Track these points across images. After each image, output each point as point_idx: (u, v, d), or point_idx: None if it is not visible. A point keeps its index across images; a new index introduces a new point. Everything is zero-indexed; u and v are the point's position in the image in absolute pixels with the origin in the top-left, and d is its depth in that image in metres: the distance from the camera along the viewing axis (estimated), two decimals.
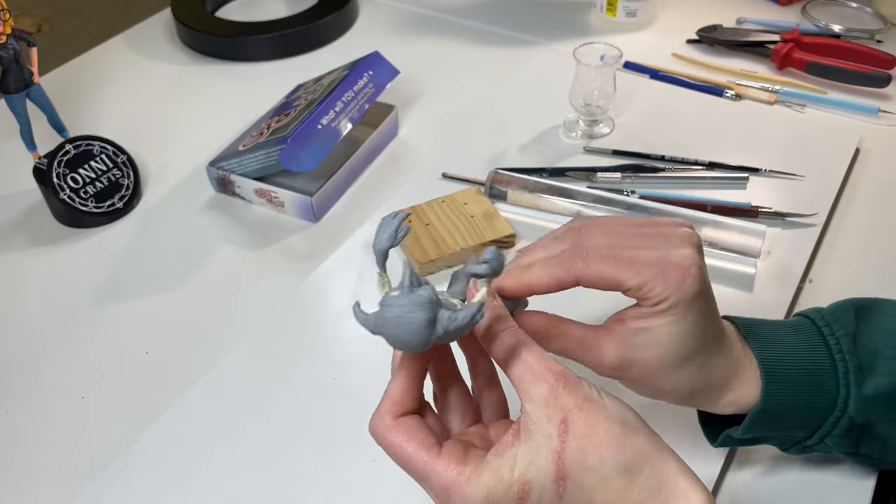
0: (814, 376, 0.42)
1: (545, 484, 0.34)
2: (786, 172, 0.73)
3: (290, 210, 0.71)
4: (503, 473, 0.34)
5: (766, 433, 0.44)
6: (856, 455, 0.45)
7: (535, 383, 0.35)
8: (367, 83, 0.75)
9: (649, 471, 0.34)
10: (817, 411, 0.43)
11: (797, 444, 0.45)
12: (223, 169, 0.72)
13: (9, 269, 0.68)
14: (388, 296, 0.35)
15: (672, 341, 0.39)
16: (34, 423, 0.56)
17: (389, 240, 0.36)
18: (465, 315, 0.34)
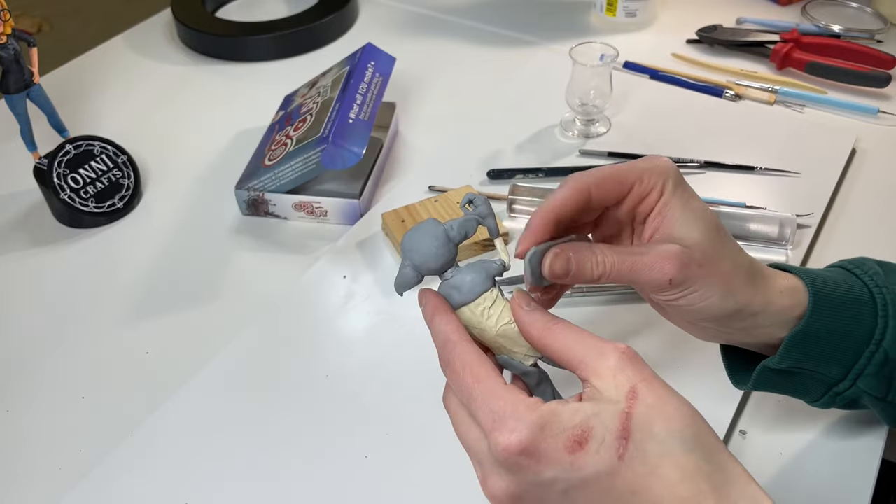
0: (854, 303, 0.43)
1: (606, 437, 0.33)
2: (780, 170, 0.73)
3: (333, 217, 0.71)
4: (563, 415, 0.33)
5: (804, 362, 0.44)
6: (883, 402, 0.45)
7: (600, 359, 0.35)
8: (373, 74, 0.75)
9: (716, 463, 0.33)
10: (854, 342, 0.43)
11: (828, 391, 0.45)
12: (254, 189, 0.70)
13: (9, 269, 0.68)
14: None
15: (696, 214, 0.41)
16: (34, 423, 0.56)
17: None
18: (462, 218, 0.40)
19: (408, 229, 0.65)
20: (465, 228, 0.40)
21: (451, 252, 0.40)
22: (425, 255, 0.39)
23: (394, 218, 0.67)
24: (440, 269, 0.40)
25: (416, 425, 0.54)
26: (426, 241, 0.39)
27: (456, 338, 0.37)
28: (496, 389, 0.34)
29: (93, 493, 0.51)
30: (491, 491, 0.35)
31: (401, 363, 0.58)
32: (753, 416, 0.54)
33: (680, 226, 0.41)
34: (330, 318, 0.62)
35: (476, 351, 0.37)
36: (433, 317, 0.39)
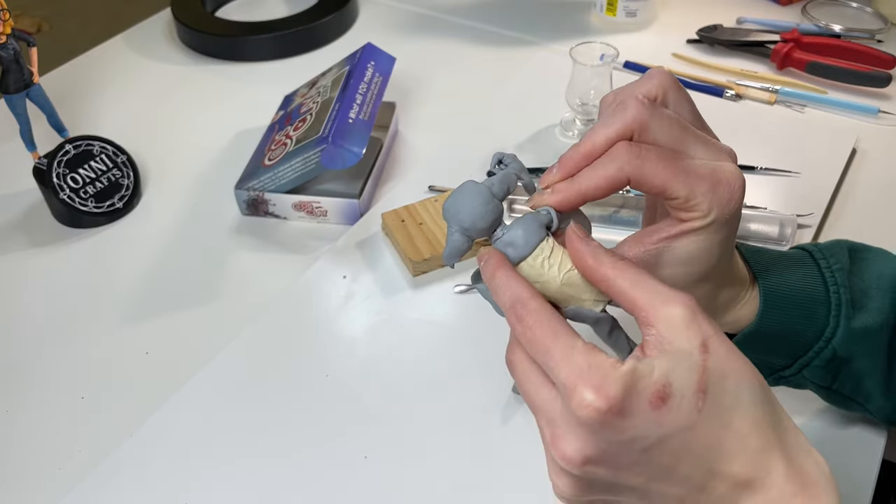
0: (808, 304, 0.43)
1: (686, 392, 0.32)
2: (780, 170, 0.73)
3: (333, 217, 0.71)
4: (644, 371, 0.32)
5: (751, 353, 0.42)
6: (828, 390, 0.46)
7: (671, 305, 0.33)
8: (373, 73, 0.75)
9: (777, 415, 0.34)
10: (803, 339, 0.44)
11: (774, 374, 0.46)
12: (254, 189, 0.70)
13: (9, 269, 0.68)
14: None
15: (700, 258, 0.39)
16: (34, 423, 0.56)
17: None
18: (502, 173, 0.39)
19: (408, 229, 0.66)
20: (507, 183, 0.39)
21: (498, 208, 0.38)
22: (473, 216, 0.37)
23: (394, 218, 0.67)
24: (490, 228, 0.38)
25: (416, 425, 0.54)
26: (471, 202, 0.37)
27: (528, 294, 0.35)
28: (578, 346, 0.33)
29: (93, 493, 0.51)
30: (563, 452, 0.33)
31: (401, 363, 0.58)
32: None
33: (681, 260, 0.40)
34: (330, 318, 0.62)
35: (550, 307, 0.35)
36: (496, 272, 0.37)
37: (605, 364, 0.32)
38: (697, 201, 0.38)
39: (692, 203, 0.38)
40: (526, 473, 0.50)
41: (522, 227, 0.37)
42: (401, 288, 0.64)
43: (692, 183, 0.38)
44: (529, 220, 0.38)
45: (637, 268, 0.35)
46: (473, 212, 0.37)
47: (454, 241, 0.38)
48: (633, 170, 0.37)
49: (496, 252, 0.37)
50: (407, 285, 0.64)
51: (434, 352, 0.59)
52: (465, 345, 0.59)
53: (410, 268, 0.64)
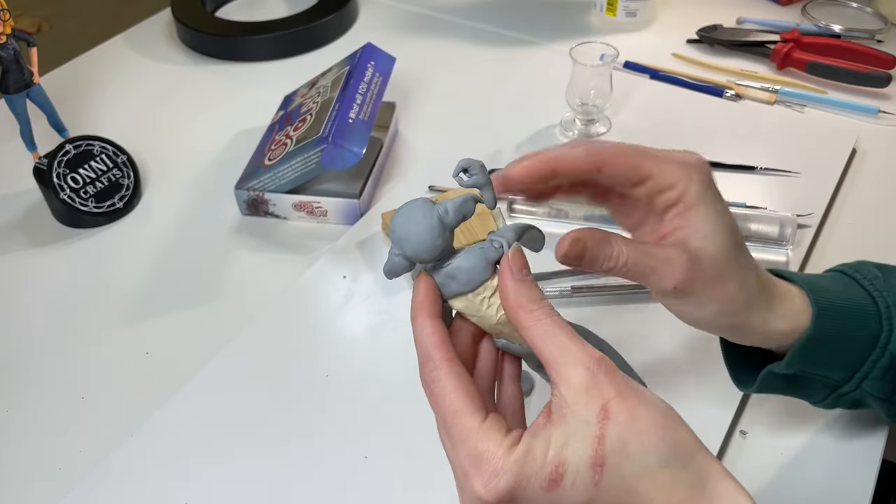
0: (858, 310, 0.43)
1: (580, 468, 0.32)
2: (780, 170, 0.73)
3: (333, 217, 0.71)
4: (537, 452, 0.32)
5: (808, 368, 0.43)
6: (888, 403, 0.45)
7: (573, 366, 0.33)
8: (373, 73, 0.75)
9: (693, 468, 0.33)
10: (859, 346, 0.43)
11: (833, 393, 0.45)
12: (254, 189, 0.70)
13: (9, 269, 0.68)
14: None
15: (717, 226, 0.40)
16: (34, 423, 0.56)
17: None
18: (460, 198, 0.36)
19: None
20: (462, 211, 0.36)
21: (446, 241, 0.36)
22: (417, 247, 0.35)
23: None
24: (434, 259, 0.36)
25: (416, 425, 0.54)
26: (420, 233, 0.35)
27: (438, 356, 0.35)
28: (474, 429, 0.33)
29: (93, 493, 0.51)
30: None
31: (401, 363, 0.58)
32: (753, 416, 0.53)
33: (699, 235, 0.40)
34: (330, 318, 0.62)
35: (458, 372, 0.34)
36: (416, 317, 0.36)
37: (497, 454, 0.32)
38: (670, 172, 0.39)
39: (666, 177, 0.39)
40: None
41: (469, 262, 0.36)
42: (401, 288, 0.64)
43: (661, 161, 0.39)
44: (478, 254, 0.36)
45: (554, 320, 0.35)
46: (420, 244, 0.35)
47: (394, 263, 0.37)
48: (605, 149, 0.38)
49: (423, 289, 0.37)
50: (407, 285, 0.64)
51: None
52: None
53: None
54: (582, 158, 0.39)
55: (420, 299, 0.37)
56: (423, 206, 0.36)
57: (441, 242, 0.36)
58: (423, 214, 0.35)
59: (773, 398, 0.54)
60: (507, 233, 0.37)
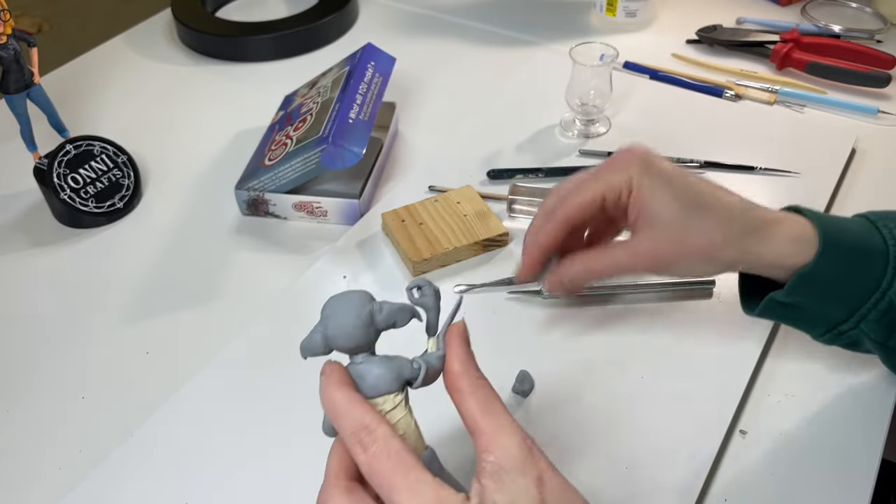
0: (866, 250, 0.45)
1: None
2: (780, 170, 0.73)
3: (333, 217, 0.71)
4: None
5: (809, 300, 0.45)
6: (884, 347, 0.47)
7: (511, 436, 0.34)
8: (373, 74, 0.75)
9: None
10: (861, 287, 0.45)
11: (832, 329, 0.47)
12: (254, 189, 0.70)
13: (9, 269, 0.68)
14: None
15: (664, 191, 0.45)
16: (34, 423, 0.56)
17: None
18: (398, 305, 0.36)
19: (408, 229, 0.66)
20: (395, 318, 0.36)
21: (368, 336, 0.36)
22: (339, 331, 0.36)
23: (394, 218, 0.67)
24: (351, 350, 0.37)
25: None
26: (347, 316, 0.36)
27: (374, 421, 0.35)
28: (427, 481, 0.33)
29: (93, 493, 0.51)
30: None
31: None
32: (753, 416, 0.54)
33: (653, 209, 0.45)
34: None
35: (396, 435, 0.35)
36: (336, 391, 0.36)
37: (452, 500, 0.33)
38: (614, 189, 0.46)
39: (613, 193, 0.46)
40: None
41: (380, 369, 0.36)
42: (401, 288, 0.64)
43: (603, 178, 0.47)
44: (393, 366, 0.36)
45: (493, 394, 0.36)
46: (343, 328, 0.36)
47: (313, 340, 0.37)
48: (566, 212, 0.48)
49: (340, 369, 0.37)
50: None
51: None
52: None
53: (410, 268, 0.64)
54: (558, 231, 0.47)
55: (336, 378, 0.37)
56: (360, 297, 0.36)
57: (363, 335, 0.36)
58: (358, 303, 0.36)
59: (774, 397, 0.54)
60: (432, 359, 0.37)
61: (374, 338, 0.37)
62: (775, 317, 0.49)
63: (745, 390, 0.54)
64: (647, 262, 0.45)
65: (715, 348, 0.57)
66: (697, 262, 0.45)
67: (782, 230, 0.45)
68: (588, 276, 0.47)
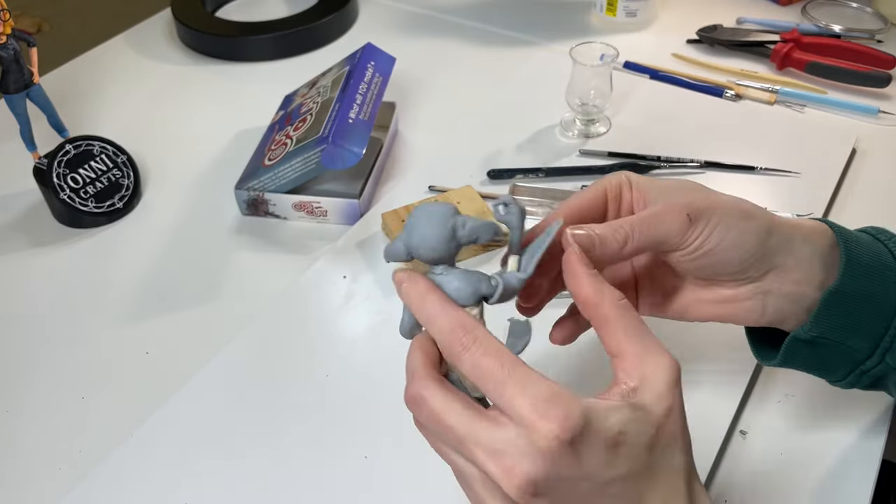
0: (881, 267, 0.43)
1: (637, 445, 0.33)
2: (780, 170, 0.73)
3: (333, 217, 0.71)
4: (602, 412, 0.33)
5: (832, 333, 0.43)
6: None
7: (659, 364, 0.34)
8: (373, 74, 0.75)
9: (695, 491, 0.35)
10: (881, 309, 0.42)
11: (855, 369, 0.44)
12: (254, 189, 0.70)
13: (9, 269, 0.68)
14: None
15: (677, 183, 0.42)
16: (34, 423, 0.56)
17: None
18: (482, 221, 0.36)
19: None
20: (477, 234, 0.36)
21: (449, 250, 0.36)
22: (421, 242, 0.36)
23: (394, 218, 0.67)
24: (434, 261, 0.37)
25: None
26: (431, 229, 0.36)
27: (472, 321, 0.35)
28: (536, 376, 0.33)
29: (93, 493, 0.51)
30: (520, 480, 0.32)
31: (401, 363, 0.58)
32: (753, 416, 0.54)
33: (661, 185, 0.42)
34: (330, 318, 0.62)
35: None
36: (428, 294, 0.36)
37: (566, 395, 0.32)
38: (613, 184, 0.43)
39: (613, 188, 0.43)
40: None
41: (459, 282, 0.36)
42: None
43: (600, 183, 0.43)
44: (472, 280, 0.37)
45: (636, 315, 0.36)
46: (426, 240, 0.36)
47: (396, 248, 0.37)
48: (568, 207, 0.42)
49: (425, 279, 0.37)
50: None
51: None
52: None
53: (410, 268, 0.64)
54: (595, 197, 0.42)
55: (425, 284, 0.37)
56: (444, 209, 0.36)
57: (443, 248, 0.36)
58: (441, 216, 0.36)
59: (774, 397, 0.54)
60: (512, 279, 0.37)
61: (455, 251, 0.37)
62: (798, 361, 0.45)
63: (745, 390, 0.54)
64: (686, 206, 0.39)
65: (715, 348, 0.57)
66: (736, 216, 0.40)
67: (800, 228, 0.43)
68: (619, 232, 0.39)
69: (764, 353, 0.47)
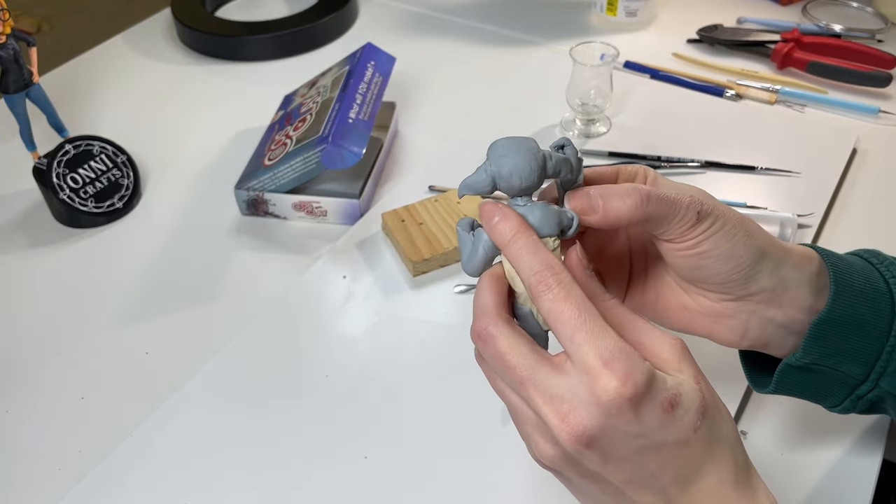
0: (873, 293, 0.43)
1: (690, 408, 0.34)
2: (780, 170, 0.73)
3: (333, 217, 0.71)
4: (661, 376, 0.34)
5: (825, 360, 0.43)
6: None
7: (662, 343, 0.35)
8: (373, 73, 0.75)
9: (744, 458, 0.36)
10: (873, 334, 0.42)
11: (850, 395, 0.44)
12: (254, 189, 0.70)
13: (9, 269, 0.68)
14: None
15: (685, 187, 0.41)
16: (34, 424, 0.56)
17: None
18: (563, 155, 0.38)
19: (408, 229, 0.66)
20: (561, 166, 0.37)
21: (539, 180, 0.36)
22: (516, 170, 0.36)
23: (394, 218, 0.67)
24: (520, 192, 0.37)
25: (417, 425, 0.54)
26: (524, 157, 0.36)
27: (559, 265, 0.35)
28: (608, 330, 0.33)
29: (93, 493, 0.51)
30: (570, 427, 0.33)
31: (401, 363, 0.58)
32: (753, 417, 0.53)
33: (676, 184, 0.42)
34: (330, 318, 0.62)
35: (587, 281, 0.36)
36: (518, 234, 0.36)
37: (633, 353, 0.33)
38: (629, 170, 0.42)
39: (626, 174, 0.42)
40: (525, 473, 0.50)
41: (542, 212, 0.37)
42: (401, 288, 0.64)
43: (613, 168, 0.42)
44: (553, 211, 0.37)
45: (628, 310, 0.37)
46: (520, 168, 0.36)
47: (479, 179, 0.37)
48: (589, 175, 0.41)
49: (517, 215, 0.37)
50: (407, 285, 0.64)
51: (434, 352, 0.59)
52: (465, 345, 0.59)
53: (410, 268, 0.64)
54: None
55: (516, 223, 0.36)
56: (531, 142, 0.37)
57: (536, 177, 0.36)
58: (533, 146, 0.37)
59: (774, 397, 0.54)
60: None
61: (540, 183, 0.37)
62: (791, 388, 0.45)
63: (745, 390, 0.54)
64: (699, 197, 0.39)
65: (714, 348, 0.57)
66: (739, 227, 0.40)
67: (795, 250, 0.42)
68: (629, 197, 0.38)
69: (758, 381, 0.47)
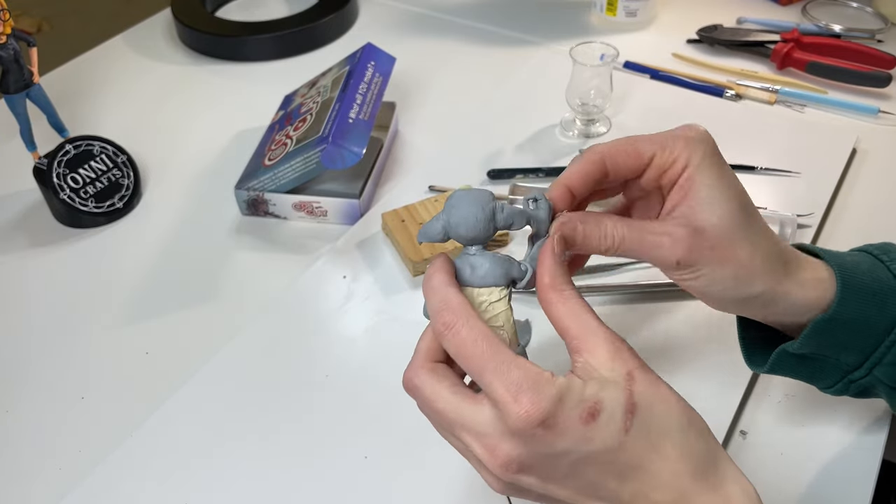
0: (880, 291, 0.42)
1: (615, 411, 0.34)
2: (780, 170, 0.73)
3: (333, 217, 0.71)
4: (576, 387, 0.34)
5: (824, 349, 0.43)
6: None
7: (600, 340, 0.35)
8: (373, 73, 0.75)
9: (708, 444, 0.35)
10: (876, 330, 0.42)
11: (843, 378, 0.44)
12: (254, 189, 0.70)
13: (9, 269, 0.68)
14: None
15: (720, 192, 0.40)
16: (34, 424, 0.56)
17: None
18: (517, 208, 0.38)
19: (408, 229, 0.66)
20: (513, 219, 0.38)
21: (488, 232, 0.38)
22: (462, 221, 0.38)
23: (394, 218, 0.67)
24: (469, 241, 0.38)
25: (416, 425, 0.54)
26: (471, 209, 0.38)
27: (459, 304, 0.36)
28: (513, 360, 0.34)
29: (93, 493, 0.51)
30: (498, 460, 0.34)
31: (401, 363, 0.58)
32: (753, 417, 0.53)
33: (701, 205, 0.39)
34: (330, 318, 0.62)
35: (481, 319, 0.36)
36: (435, 274, 0.37)
37: (540, 377, 0.34)
38: (669, 148, 0.39)
39: (667, 153, 0.39)
40: None
41: (492, 264, 0.38)
42: (401, 288, 0.64)
43: (660, 140, 0.40)
44: (503, 262, 0.38)
45: (582, 301, 0.37)
46: (467, 219, 0.38)
47: (433, 228, 0.39)
48: (602, 152, 0.40)
49: (447, 260, 0.38)
50: (407, 285, 0.64)
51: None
52: None
53: (410, 268, 0.64)
54: (585, 169, 0.40)
55: (439, 264, 0.38)
56: (485, 193, 0.38)
57: (482, 228, 0.38)
58: (483, 198, 0.38)
59: (774, 397, 0.54)
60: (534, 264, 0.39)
61: (491, 234, 0.38)
62: (785, 371, 0.45)
63: (745, 390, 0.54)
64: (680, 251, 0.38)
65: (715, 348, 0.57)
66: (728, 274, 0.39)
67: (804, 272, 0.42)
68: (605, 239, 0.39)
69: (754, 359, 0.47)
